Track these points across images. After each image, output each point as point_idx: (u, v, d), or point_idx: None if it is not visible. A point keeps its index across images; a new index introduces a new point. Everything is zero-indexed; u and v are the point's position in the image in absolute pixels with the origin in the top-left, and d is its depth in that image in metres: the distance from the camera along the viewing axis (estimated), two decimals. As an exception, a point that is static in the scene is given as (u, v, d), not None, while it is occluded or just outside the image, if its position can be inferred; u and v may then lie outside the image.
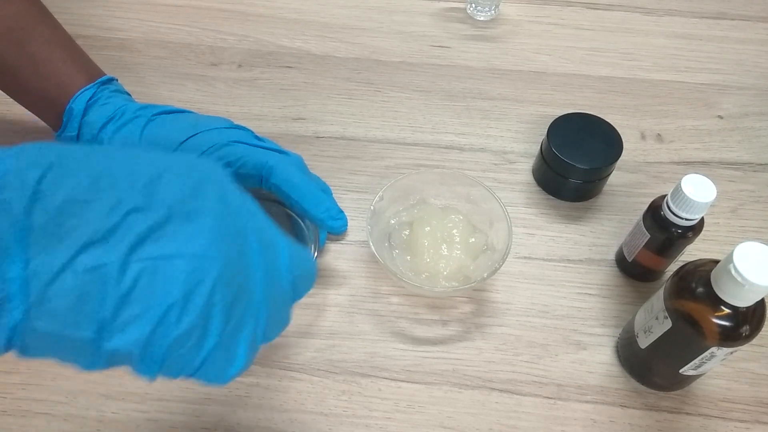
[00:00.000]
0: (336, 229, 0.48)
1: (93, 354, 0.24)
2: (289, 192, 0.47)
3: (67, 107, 0.50)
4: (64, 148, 0.24)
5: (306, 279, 0.32)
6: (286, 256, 0.30)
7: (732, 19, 0.76)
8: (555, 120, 0.58)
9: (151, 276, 0.24)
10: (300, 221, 0.51)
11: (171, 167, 0.27)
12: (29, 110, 0.53)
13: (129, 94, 0.55)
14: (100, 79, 0.52)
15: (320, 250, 0.54)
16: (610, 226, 0.58)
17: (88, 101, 0.50)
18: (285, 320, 0.31)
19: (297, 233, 0.52)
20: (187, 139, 0.48)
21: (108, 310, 0.23)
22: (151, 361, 0.25)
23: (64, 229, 0.23)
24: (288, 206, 0.49)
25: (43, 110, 0.52)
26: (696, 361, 0.42)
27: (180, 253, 0.24)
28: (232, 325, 0.26)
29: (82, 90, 0.51)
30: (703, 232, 0.48)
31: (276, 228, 0.31)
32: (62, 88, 0.51)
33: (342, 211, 0.49)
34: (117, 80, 0.55)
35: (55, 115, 0.51)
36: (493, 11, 0.75)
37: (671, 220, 0.47)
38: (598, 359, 0.50)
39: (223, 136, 0.49)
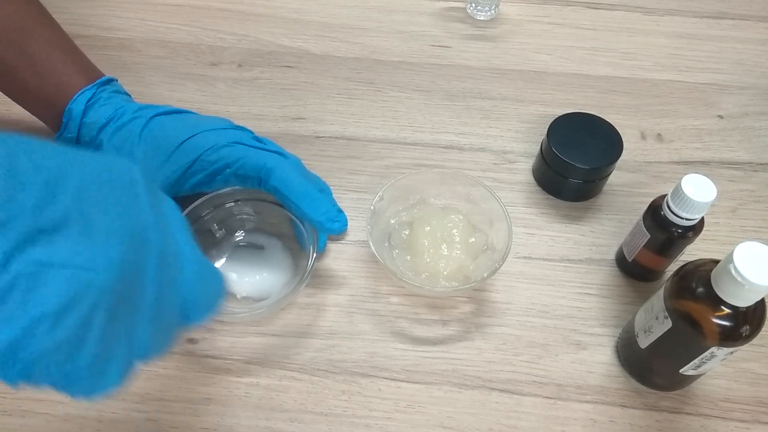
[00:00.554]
0: (334, 231, 0.47)
1: None
2: (287, 194, 0.47)
3: (67, 108, 0.50)
4: None
5: (204, 305, 0.30)
6: (189, 277, 0.28)
7: (732, 19, 0.76)
8: (555, 120, 0.58)
9: (30, 280, 0.22)
10: (299, 223, 0.51)
11: (82, 166, 0.25)
12: (29, 111, 0.53)
13: (128, 95, 0.55)
14: (99, 80, 0.52)
15: (320, 252, 0.54)
16: (610, 226, 0.58)
17: (87, 102, 0.50)
18: (168, 341, 0.29)
19: (296, 235, 0.52)
20: (186, 140, 0.48)
21: None
22: (12, 368, 0.23)
23: None
24: (286, 208, 0.49)
25: (42, 111, 0.52)
26: (696, 361, 0.42)
27: (67, 262, 0.23)
28: (108, 342, 0.25)
29: (82, 91, 0.51)
30: (703, 232, 0.48)
31: (188, 245, 0.29)
32: (62, 89, 0.51)
33: (341, 212, 0.49)
34: (116, 80, 0.54)
35: (54, 116, 0.51)
36: (493, 11, 0.75)
37: (671, 220, 0.47)
38: (598, 359, 0.50)
39: (222, 137, 0.49)
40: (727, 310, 0.39)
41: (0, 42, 0.49)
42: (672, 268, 0.52)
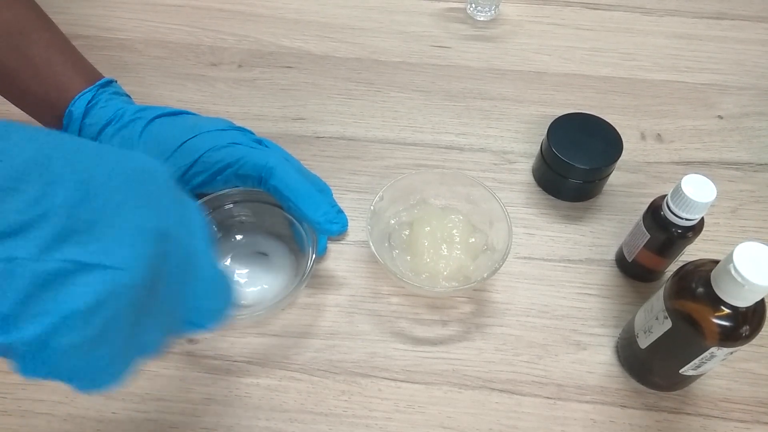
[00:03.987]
0: (333, 232, 0.47)
1: None
2: (287, 194, 0.47)
3: (67, 110, 0.50)
4: (6, 128, 0.23)
5: (212, 312, 0.30)
6: (203, 285, 0.29)
7: (732, 19, 0.76)
8: (555, 120, 0.58)
9: (62, 278, 0.22)
10: (299, 225, 0.51)
11: (114, 166, 0.25)
12: (29, 114, 0.53)
13: (128, 96, 0.55)
14: (99, 82, 0.52)
15: (320, 256, 0.54)
16: (610, 226, 0.58)
17: (87, 104, 0.50)
18: (168, 343, 0.29)
19: (295, 237, 0.52)
20: (186, 141, 0.48)
21: (7, 307, 0.22)
22: (35, 363, 0.23)
23: None
24: (286, 209, 0.49)
25: (43, 114, 0.52)
26: (696, 361, 0.42)
27: (96, 262, 0.23)
28: (127, 342, 0.25)
29: (82, 93, 0.51)
30: (703, 232, 0.48)
31: (207, 250, 0.29)
32: (62, 92, 0.51)
33: (341, 213, 0.49)
34: (116, 82, 0.55)
35: (55, 118, 0.51)
36: (493, 11, 0.75)
37: (671, 220, 0.47)
38: (598, 359, 0.50)
39: (222, 138, 0.49)
40: (727, 311, 0.39)
41: (0, 46, 0.49)
42: (672, 268, 0.52)
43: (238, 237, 0.54)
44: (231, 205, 0.53)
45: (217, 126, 0.50)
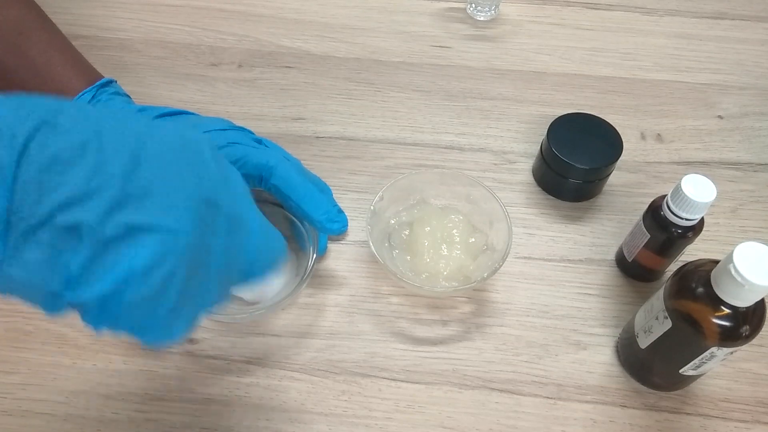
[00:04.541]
0: (334, 231, 0.48)
1: (54, 303, 0.25)
2: (288, 193, 0.47)
3: None
4: (59, 105, 0.25)
5: (268, 261, 0.33)
6: (255, 240, 0.31)
7: (732, 19, 0.76)
8: (555, 120, 0.58)
9: (120, 241, 0.24)
10: (299, 224, 0.51)
11: (160, 136, 0.27)
12: None
13: (128, 96, 0.55)
14: (99, 82, 0.52)
15: (320, 255, 0.53)
16: (610, 226, 0.58)
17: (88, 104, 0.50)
18: (227, 297, 0.32)
19: (296, 236, 0.52)
20: None
21: (76, 268, 0.24)
22: (103, 318, 0.26)
23: (47, 186, 0.23)
24: (286, 208, 0.49)
25: None
26: (696, 361, 0.42)
27: (152, 224, 0.25)
28: (185, 296, 0.27)
29: (81, 93, 0.51)
30: (703, 232, 0.48)
31: (252, 208, 0.32)
32: (62, 92, 0.51)
33: (342, 212, 0.49)
34: (116, 82, 0.55)
35: None
36: (493, 11, 0.75)
37: (671, 220, 0.47)
38: (598, 359, 0.50)
39: (222, 138, 0.49)
40: (727, 310, 0.39)
41: (0, 46, 0.49)
42: (672, 268, 0.52)
43: None
44: None
45: (217, 126, 0.50)
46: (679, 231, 0.47)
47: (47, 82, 0.51)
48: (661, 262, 0.51)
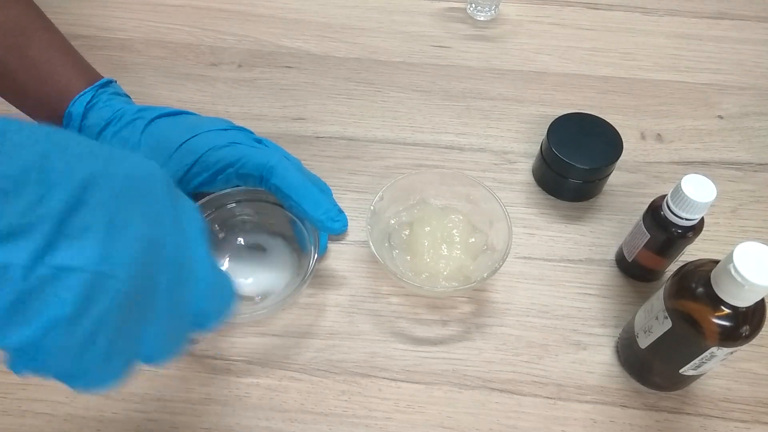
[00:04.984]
0: (335, 230, 0.47)
1: None
2: (288, 193, 0.47)
3: (66, 111, 0.50)
4: (6, 126, 0.23)
5: (214, 313, 0.31)
6: (202, 287, 0.29)
7: (732, 19, 0.76)
8: (555, 120, 0.58)
9: (49, 284, 0.23)
10: (300, 224, 0.51)
11: (112, 169, 0.26)
12: (28, 115, 0.53)
13: (128, 96, 0.55)
14: (98, 82, 0.52)
15: (321, 254, 0.53)
16: (610, 226, 0.58)
17: (86, 104, 0.50)
18: (178, 346, 0.30)
19: (297, 236, 0.52)
20: (185, 141, 0.48)
21: (1, 311, 0.22)
22: (25, 363, 0.24)
23: None
24: (287, 207, 0.49)
25: (42, 115, 0.53)
26: (696, 361, 0.42)
27: (86, 267, 0.24)
28: (116, 342, 0.26)
29: (81, 93, 0.51)
30: (703, 232, 0.48)
31: (204, 253, 0.30)
32: (61, 92, 0.51)
33: (342, 212, 0.49)
34: (116, 82, 0.55)
35: (54, 119, 0.51)
36: (493, 11, 0.75)
37: (671, 220, 0.47)
38: (598, 359, 0.50)
39: (222, 138, 0.49)
40: (727, 310, 0.39)
41: (0, 45, 0.49)
42: (672, 268, 0.52)
43: (240, 236, 0.54)
44: (233, 205, 0.53)
45: (217, 126, 0.50)
46: (679, 231, 0.47)
47: (47, 82, 0.51)
48: (661, 262, 0.51)
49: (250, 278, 0.51)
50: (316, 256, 0.48)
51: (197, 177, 0.49)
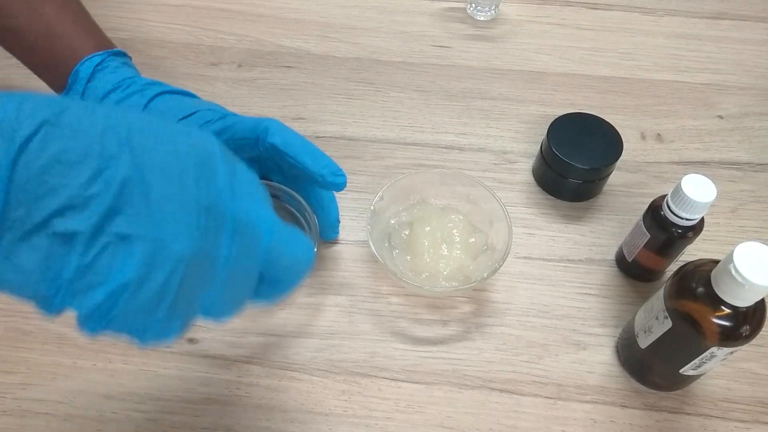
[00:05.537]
0: (337, 185, 0.46)
1: (46, 306, 0.25)
2: (286, 150, 0.45)
3: (74, 69, 0.50)
4: (64, 104, 0.24)
5: (291, 269, 0.31)
6: (268, 247, 0.30)
7: (732, 19, 0.76)
8: (555, 120, 0.58)
9: (114, 251, 0.24)
10: (300, 216, 0.51)
11: (167, 139, 0.27)
12: (33, 71, 0.53)
13: (137, 70, 0.55)
14: (111, 50, 0.52)
15: (334, 239, 0.53)
16: (610, 226, 0.58)
17: (96, 66, 0.50)
18: (239, 307, 0.30)
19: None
20: (184, 117, 0.49)
21: (68, 276, 0.24)
22: (95, 324, 0.25)
23: (44, 189, 0.23)
24: (286, 168, 0.48)
25: (48, 72, 0.52)
26: (696, 361, 0.42)
27: (147, 234, 0.25)
28: (181, 302, 0.27)
29: (91, 56, 0.51)
30: (703, 232, 0.48)
31: (267, 214, 0.31)
32: (71, 51, 0.51)
33: (341, 170, 0.47)
34: (130, 58, 0.55)
35: (60, 77, 0.51)
36: (493, 11, 0.75)
37: (671, 220, 0.47)
38: (598, 359, 0.50)
39: (215, 113, 0.50)
40: (727, 310, 0.39)
41: (15, 1, 0.49)
42: (672, 268, 0.52)
43: None
44: None
45: (217, 108, 0.51)
46: (679, 231, 0.47)
47: (57, 40, 0.50)
48: (661, 262, 0.51)
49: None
50: (316, 248, 0.48)
51: None
